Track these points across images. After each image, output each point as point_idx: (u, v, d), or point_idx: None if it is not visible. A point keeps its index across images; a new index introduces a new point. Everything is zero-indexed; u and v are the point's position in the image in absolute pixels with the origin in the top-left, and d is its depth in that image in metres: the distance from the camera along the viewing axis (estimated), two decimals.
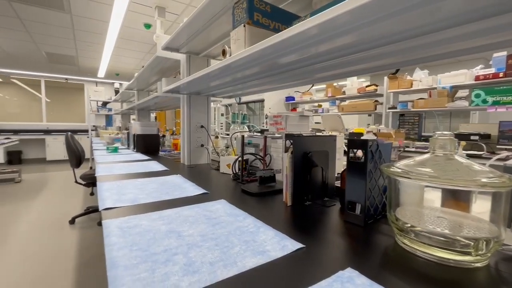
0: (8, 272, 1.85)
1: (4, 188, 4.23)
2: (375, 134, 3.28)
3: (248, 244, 0.60)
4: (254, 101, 6.29)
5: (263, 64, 1.01)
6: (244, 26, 0.83)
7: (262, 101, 5.88)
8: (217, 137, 2.15)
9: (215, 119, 4.54)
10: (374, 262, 0.54)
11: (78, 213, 2.95)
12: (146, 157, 2.21)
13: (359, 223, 0.73)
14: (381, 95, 4.03)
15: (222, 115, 4.73)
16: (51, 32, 3.90)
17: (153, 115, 5.28)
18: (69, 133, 2.85)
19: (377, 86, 3.96)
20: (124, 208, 0.88)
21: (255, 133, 1.50)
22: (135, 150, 2.68)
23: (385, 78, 3.97)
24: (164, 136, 3.24)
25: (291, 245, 0.60)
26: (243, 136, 1.25)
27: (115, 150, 2.64)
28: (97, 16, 3.29)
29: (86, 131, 7.59)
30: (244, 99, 5.37)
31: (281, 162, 1.28)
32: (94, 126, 6.32)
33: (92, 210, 2.97)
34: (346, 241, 0.64)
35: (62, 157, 7.10)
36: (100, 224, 2.73)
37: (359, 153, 0.75)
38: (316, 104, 5.22)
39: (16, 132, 6.59)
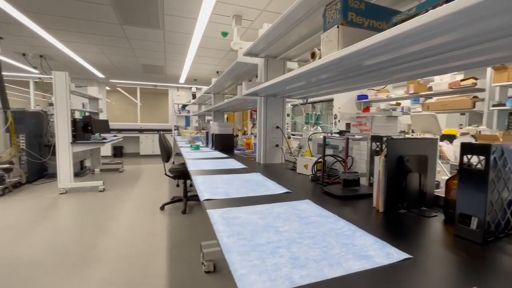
0: (118, 242, 2.30)
1: (112, 175, 5.23)
2: (473, 136, 2.77)
3: (348, 247, 0.60)
4: (321, 101, 6.11)
5: (349, 66, 0.98)
6: (338, 27, 0.82)
7: (330, 100, 5.66)
8: (289, 137, 2.19)
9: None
10: (506, 285, 0.47)
11: (166, 201, 3.43)
12: (224, 155, 2.41)
13: (476, 239, 0.64)
14: (482, 90, 3.37)
15: (288, 115, 4.76)
16: (147, 46, 4.63)
17: (224, 116, 5.68)
18: (162, 132, 3.32)
19: (476, 79, 3.33)
20: (220, 200, 0.99)
21: (333, 134, 1.47)
22: (213, 148, 2.95)
23: (488, 69, 3.30)
24: (236, 135, 3.46)
25: (396, 254, 0.57)
26: (324, 137, 1.24)
27: (197, 148, 2.96)
28: (183, 29, 3.75)
29: (170, 130, 8.73)
30: (311, 99, 5.27)
31: (365, 165, 1.22)
32: (176, 126, 7.20)
33: (177, 199, 3.40)
34: (462, 257, 0.57)
35: (151, 152, 8.34)
36: (184, 212, 3.10)
37: (474, 159, 0.66)
38: (393, 102, 4.73)
39: (119, 130, 8.05)
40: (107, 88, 8.90)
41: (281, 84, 1.40)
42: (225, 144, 2.87)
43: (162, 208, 3.25)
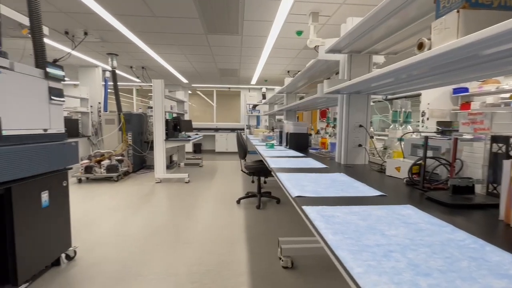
0: (204, 227, 2.58)
1: (194, 169, 5.89)
2: None
3: (478, 261, 0.53)
4: (405, 97, 5.43)
5: (464, 56, 0.85)
6: (458, 11, 0.72)
7: (416, 96, 4.99)
8: (372, 137, 2.03)
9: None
10: None
11: (241, 195, 3.66)
12: (299, 154, 2.42)
13: None
14: None
15: None
16: (225, 52, 5.03)
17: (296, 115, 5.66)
18: (239, 131, 3.56)
19: None
20: (311, 198, 1.00)
21: (433, 134, 1.30)
22: (287, 147, 2.99)
23: None
24: (310, 134, 3.42)
25: None
26: (426, 138, 1.11)
27: (272, 146, 3.05)
28: (259, 33, 3.92)
29: (241, 129, 9.26)
30: (390, 95, 4.73)
31: (481, 170, 1.04)
32: (247, 125, 7.59)
33: (252, 195, 3.59)
34: None
35: (225, 150, 9.02)
36: (258, 207, 3.26)
37: None
38: (507, 95, 3.83)
39: (199, 130, 8.99)
40: (189, 92, 10.04)
41: (372, 80, 1.32)
42: (299, 143, 2.87)
43: (238, 201, 3.48)
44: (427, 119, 4.56)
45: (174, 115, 6.29)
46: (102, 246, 2.24)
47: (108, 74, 6.70)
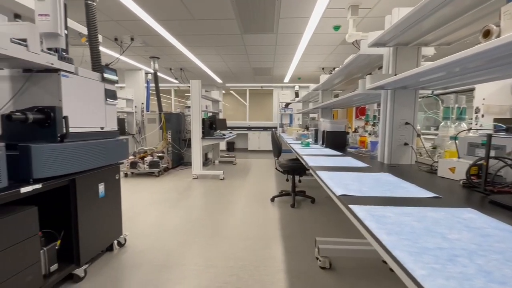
0: (240, 223, 2.64)
1: (228, 167, 6.04)
2: None
3: None
4: (455, 92, 4.95)
5: None
6: None
7: (469, 90, 4.51)
8: (419, 135, 1.89)
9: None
10: None
11: (275, 194, 3.67)
12: (337, 153, 2.35)
13: None
14: None
15: None
16: (259, 51, 5.06)
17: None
18: (274, 129, 3.57)
19: None
20: (356, 197, 0.97)
21: (498, 132, 1.17)
22: (323, 145, 2.92)
23: None
24: (348, 133, 3.30)
25: None
26: (490, 136, 1.00)
27: (308, 144, 3.00)
28: (295, 30, 3.87)
29: (274, 128, 9.26)
30: (437, 91, 4.33)
31: None
32: (280, 123, 7.56)
33: (285, 193, 3.58)
34: None
35: (257, 148, 9.10)
36: (293, 206, 3.24)
37: None
38: None
39: (232, 128, 9.18)
40: (223, 91, 10.30)
41: (423, 74, 1.23)
42: (337, 141, 2.79)
43: (272, 200, 3.50)
44: (482, 116, 4.10)
45: (209, 114, 6.51)
46: (147, 236, 2.42)
47: (150, 76, 7.17)
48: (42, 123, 1.47)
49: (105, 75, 1.89)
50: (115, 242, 2.13)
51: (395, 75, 1.50)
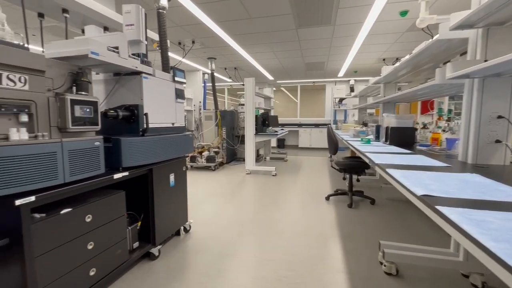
0: (294, 219, 2.63)
1: (279, 163, 6.06)
2: None
3: None
4: None
5: None
6: None
7: None
8: None
9: None
10: None
11: (329, 192, 3.55)
12: (405, 150, 2.14)
13: None
14: None
15: None
16: (314, 45, 4.92)
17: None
18: (329, 125, 3.44)
19: None
20: (442, 199, 0.87)
21: None
22: (387, 142, 2.69)
23: None
24: (416, 129, 2.98)
25: None
26: None
27: (368, 141, 2.81)
28: (354, 20, 3.65)
29: (326, 124, 8.92)
30: None
31: None
32: (334, 120, 7.24)
33: (341, 192, 3.42)
34: None
35: (308, 145, 8.91)
36: (350, 206, 3.08)
37: None
38: None
39: (283, 125, 9.17)
40: (274, 88, 10.34)
41: None
42: (403, 138, 2.54)
43: (327, 198, 3.39)
44: None
45: (261, 111, 6.62)
46: (208, 224, 2.59)
47: (206, 76, 7.63)
48: (128, 119, 1.70)
49: (176, 77, 2.08)
50: (182, 228, 2.34)
51: (485, 61, 1.29)
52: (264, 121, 5.24)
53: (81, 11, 2.23)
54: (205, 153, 5.39)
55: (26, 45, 1.19)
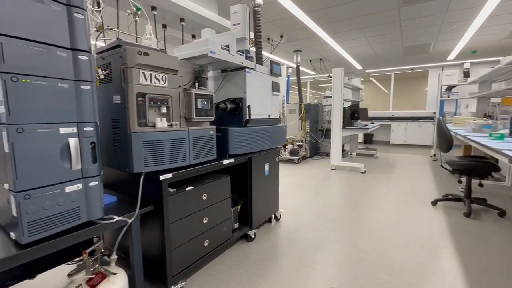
0: (389, 223, 2.36)
1: (367, 160, 5.56)
2: None
3: None
4: None
5: None
6: None
7: None
8: None
9: None
10: None
11: (435, 196, 3.02)
12: None
13: None
14: None
15: None
16: (419, 24, 4.22)
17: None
18: (441, 117, 2.90)
19: None
20: None
21: None
22: None
23: None
24: None
25: None
26: None
27: (501, 137, 2.24)
28: None
29: (426, 118, 7.62)
30: None
31: None
32: (444, 112, 6.09)
33: (453, 198, 2.87)
34: None
35: (403, 142, 7.83)
36: (467, 215, 2.54)
37: None
38: None
39: (371, 118, 8.34)
40: (361, 79, 9.49)
41: None
42: None
43: (434, 203, 2.90)
44: None
45: (348, 103, 6.18)
46: (296, 216, 2.62)
47: (290, 70, 7.65)
48: (233, 111, 1.87)
49: (273, 70, 2.15)
50: (273, 216, 2.45)
51: None
52: (353, 114, 4.88)
53: (195, 19, 2.56)
54: (289, 146, 5.45)
55: (165, 50, 1.45)
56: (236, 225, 2.02)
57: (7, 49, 0.85)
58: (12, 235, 0.95)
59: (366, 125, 4.97)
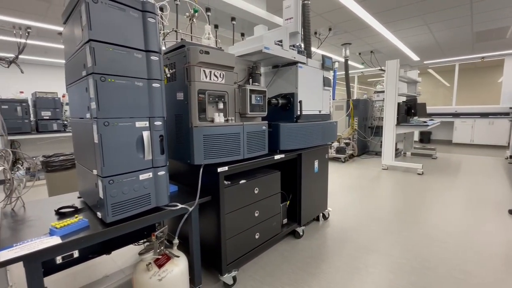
0: (455, 231, 2.10)
1: (425, 161, 5.04)
2: None
3: None
4: None
5: None
6: None
7: None
8: None
9: None
10: None
11: None
12: None
13: None
14: None
15: None
16: (496, 4, 3.65)
17: None
18: None
19: None
20: None
21: None
22: None
23: None
24: None
25: None
26: None
27: None
28: None
29: (500, 114, 6.59)
30: None
31: None
32: None
33: None
34: None
35: (468, 141, 6.91)
36: None
37: None
38: None
39: (429, 115, 7.53)
40: (417, 71, 8.61)
41: None
42: None
43: (511, 212, 2.50)
44: None
45: (403, 98, 5.67)
46: (345, 216, 2.51)
47: (337, 64, 7.32)
48: (284, 106, 1.87)
49: (325, 64, 2.08)
50: (321, 214, 2.39)
51: None
52: (409, 110, 4.47)
53: (245, 17, 2.61)
54: (335, 144, 5.24)
55: (222, 48, 1.51)
56: (285, 220, 2.02)
57: (98, 53, 0.98)
58: (99, 214, 1.10)
59: (425, 122, 4.50)
